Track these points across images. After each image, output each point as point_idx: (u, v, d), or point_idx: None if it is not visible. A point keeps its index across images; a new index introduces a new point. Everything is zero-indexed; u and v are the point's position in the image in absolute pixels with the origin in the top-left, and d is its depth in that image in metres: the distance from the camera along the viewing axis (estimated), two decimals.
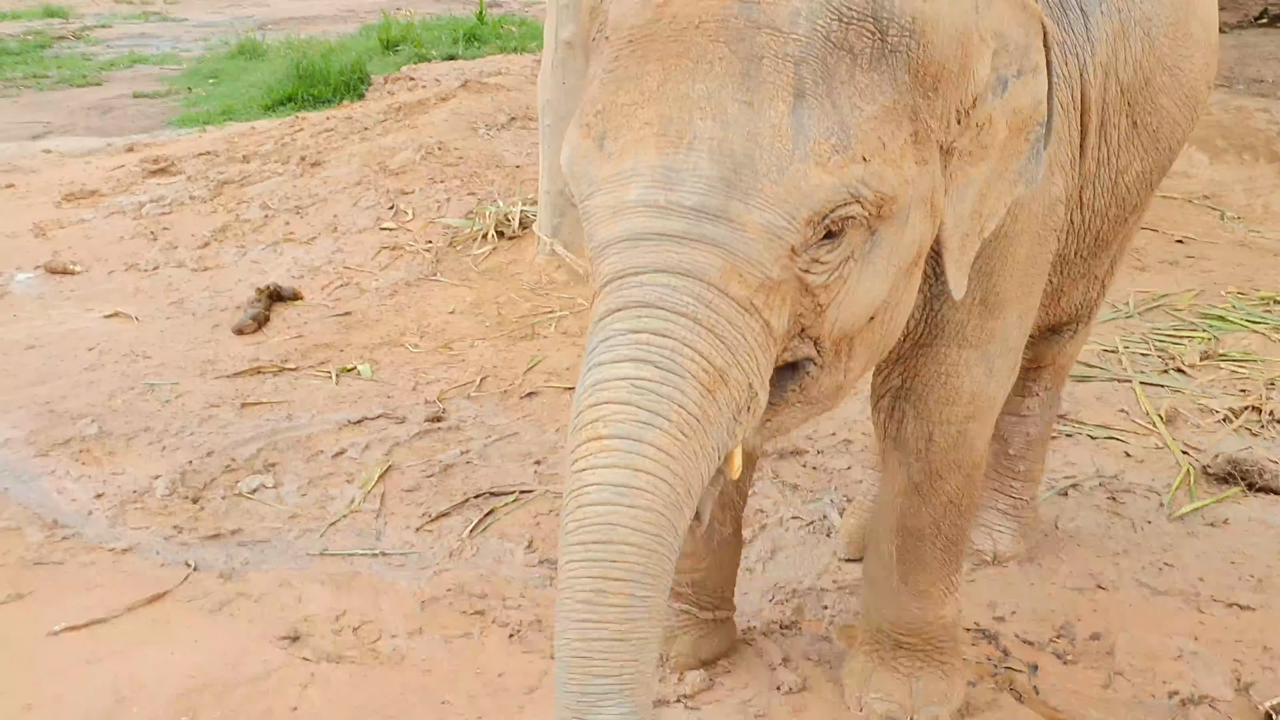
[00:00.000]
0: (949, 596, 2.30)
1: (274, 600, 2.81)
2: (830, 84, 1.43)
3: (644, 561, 1.37)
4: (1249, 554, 2.98)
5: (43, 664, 2.51)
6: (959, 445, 2.07)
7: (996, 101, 1.66)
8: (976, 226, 1.73)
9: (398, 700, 2.35)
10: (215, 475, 3.47)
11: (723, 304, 1.43)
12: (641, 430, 1.37)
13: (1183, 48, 2.23)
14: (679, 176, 1.42)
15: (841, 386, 1.67)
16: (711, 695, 2.42)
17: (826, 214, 1.45)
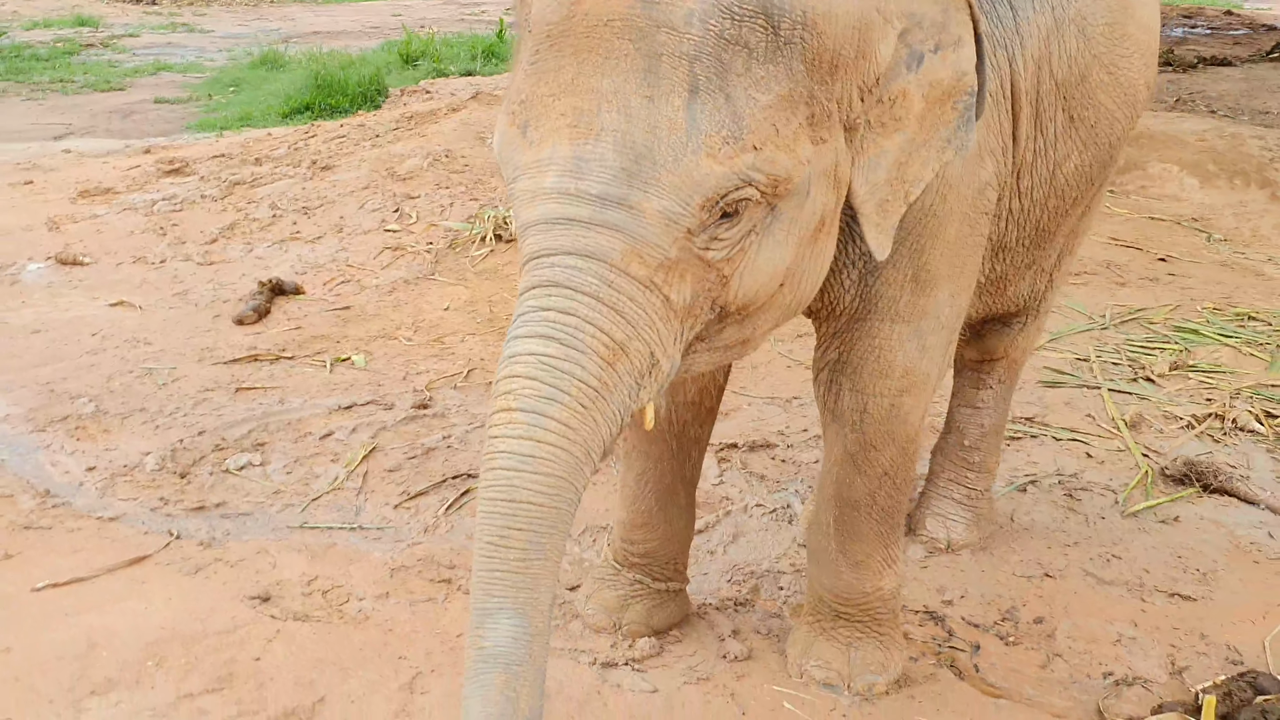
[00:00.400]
0: (887, 569, 2.39)
1: (250, 565, 2.92)
2: (725, 78, 1.56)
3: (542, 515, 1.53)
4: (1196, 549, 3.06)
5: (24, 615, 2.62)
6: (892, 418, 2.18)
7: (911, 76, 1.79)
8: (898, 192, 1.85)
9: (356, 654, 2.46)
10: (205, 453, 3.60)
11: (624, 283, 1.56)
12: (544, 405, 1.53)
13: (1120, 47, 2.34)
14: (587, 166, 1.56)
15: (749, 340, 1.80)
16: (659, 660, 2.52)
17: (719, 199, 1.59)
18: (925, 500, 3.10)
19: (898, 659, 2.47)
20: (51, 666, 2.31)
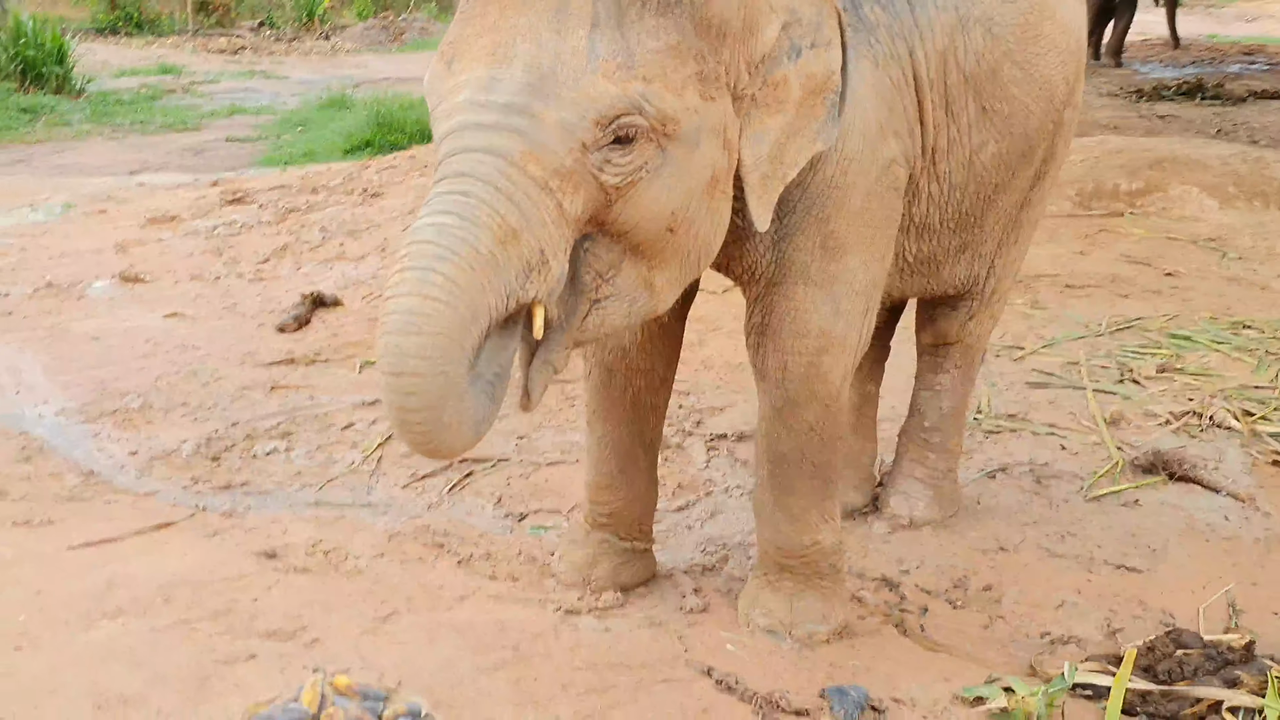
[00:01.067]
0: (824, 524, 2.58)
1: (263, 531, 3.20)
2: (621, 20, 1.83)
3: (429, 375, 1.72)
4: (1151, 529, 3.20)
5: (57, 566, 2.92)
6: (811, 376, 2.38)
7: (791, 65, 2.05)
8: (777, 171, 2.10)
9: (343, 598, 2.71)
10: (236, 441, 3.91)
11: (521, 179, 1.79)
12: (435, 263, 1.73)
13: (1034, 46, 2.56)
14: (497, 83, 1.81)
15: (653, 288, 2.02)
16: (620, 611, 2.72)
17: (612, 118, 1.82)
18: (890, 479, 3.28)
19: (840, 611, 2.65)
20: (73, 600, 2.59)
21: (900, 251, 2.63)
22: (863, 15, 2.27)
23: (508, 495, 3.50)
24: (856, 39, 2.24)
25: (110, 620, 2.44)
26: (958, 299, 2.99)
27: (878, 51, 2.28)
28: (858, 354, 2.47)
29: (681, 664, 2.40)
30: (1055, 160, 2.90)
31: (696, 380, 4.33)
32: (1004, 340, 4.55)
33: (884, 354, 3.32)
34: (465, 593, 2.79)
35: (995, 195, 2.70)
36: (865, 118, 2.26)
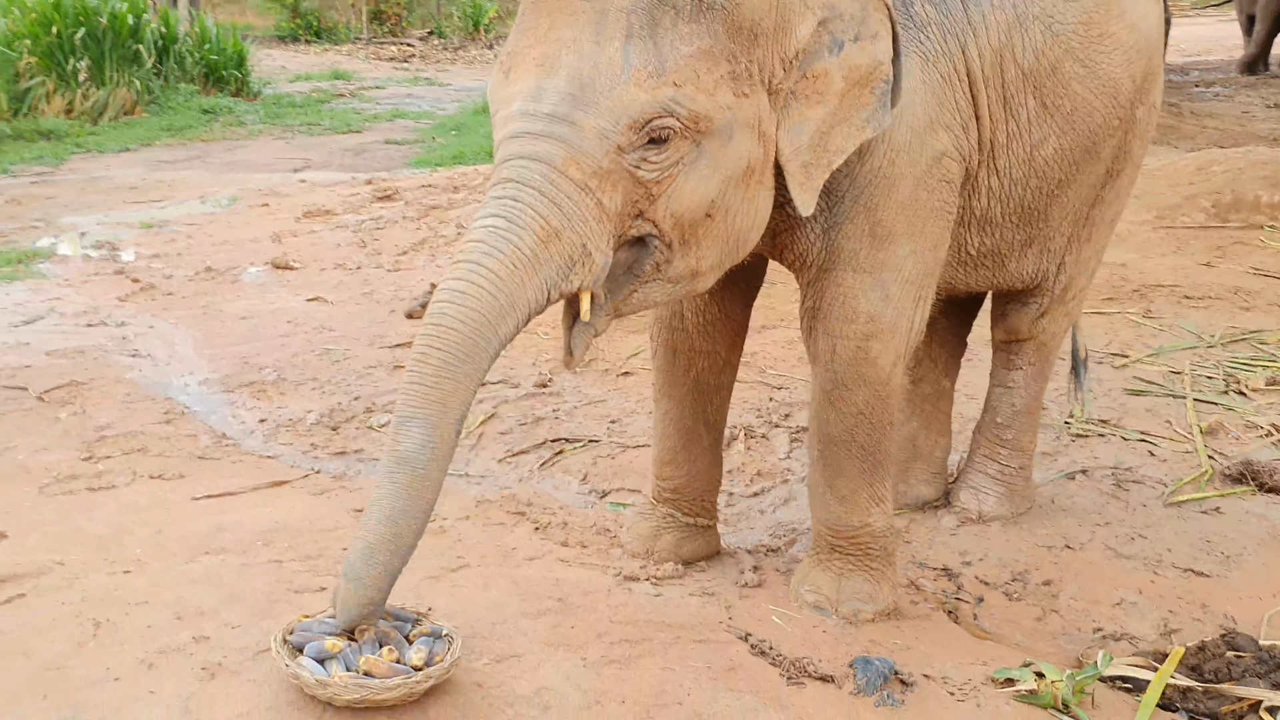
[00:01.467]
0: (874, 506, 2.66)
1: (366, 492, 3.43)
2: (654, 30, 1.99)
3: (459, 341, 1.90)
4: (1228, 536, 3.16)
5: (179, 514, 3.23)
6: (860, 360, 2.48)
7: (832, 59, 2.17)
8: (822, 158, 2.22)
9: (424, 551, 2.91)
10: (356, 414, 4.22)
11: (563, 182, 1.97)
12: (482, 258, 1.93)
13: (1098, 44, 2.60)
14: (544, 93, 1.99)
15: (697, 272, 2.18)
16: (677, 580, 2.85)
17: (645, 122, 1.99)
18: (962, 474, 3.33)
19: (887, 593, 2.72)
20: (184, 539, 2.88)
21: (962, 244, 2.70)
22: (913, 13, 2.36)
23: (593, 473, 3.68)
24: (906, 36, 2.34)
25: (211, 556, 2.72)
26: (1028, 295, 3.02)
27: (928, 48, 2.37)
28: (910, 341, 2.55)
29: (722, 628, 2.53)
30: (1130, 159, 2.92)
31: (792, 375, 4.43)
32: (1109, 347, 4.51)
33: (960, 350, 3.37)
34: (535, 554, 2.97)
35: (1059, 191, 2.74)
36: (913, 111, 2.35)
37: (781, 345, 4.77)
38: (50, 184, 8.79)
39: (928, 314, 2.58)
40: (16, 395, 4.27)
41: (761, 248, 2.51)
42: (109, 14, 11.44)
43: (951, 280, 2.80)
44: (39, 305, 5.57)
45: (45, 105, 11.20)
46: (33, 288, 5.92)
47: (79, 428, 3.98)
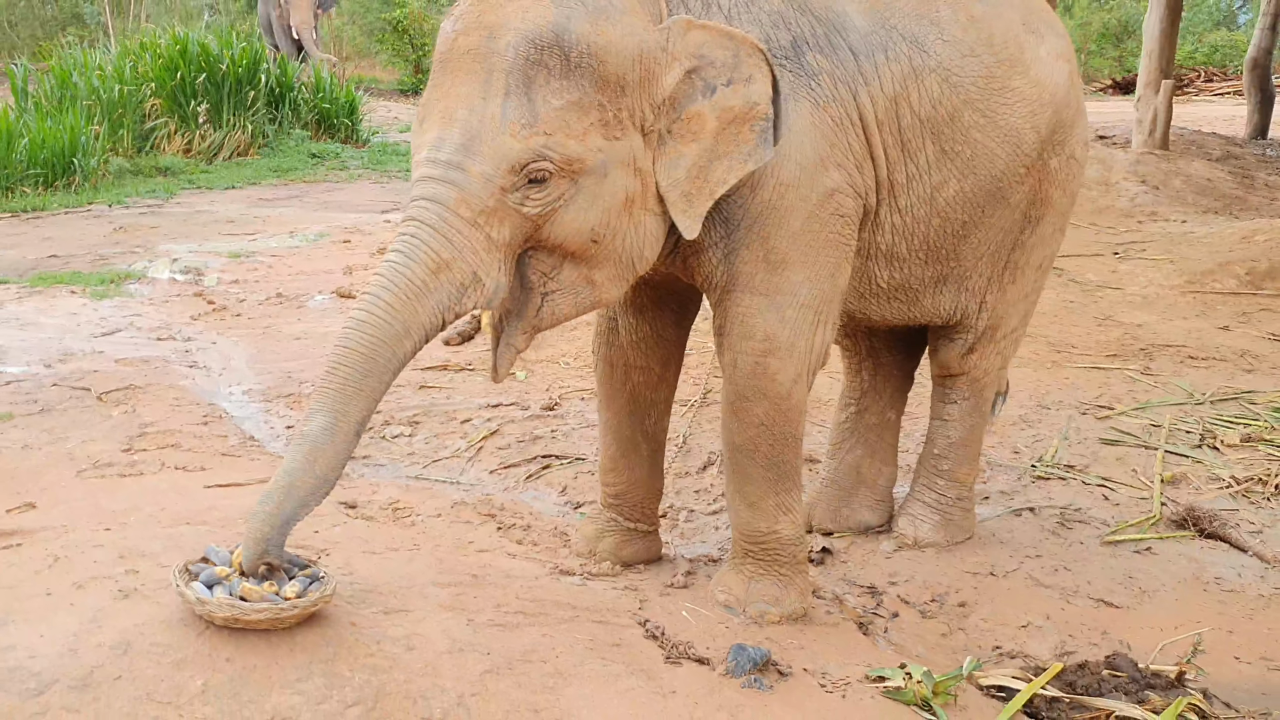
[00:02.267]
0: (782, 515, 2.87)
1: (360, 490, 3.80)
2: (529, 87, 2.31)
3: (359, 360, 2.21)
4: (1152, 574, 3.27)
5: (190, 497, 3.59)
6: (759, 374, 2.72)
7: (705, 102, 2.47)
8: (704, 189, 2.51)
9: (387, 539, 3.22)
10: (374, 425, 4.57)
11: (455, 220, 2.28)
12: (380, 291, 2.24)
13: (1000, 97, 2.84)
14: (443, 143, 2.32)
15: (592, 281, 2.46)
16: (608, 577, 3.10)
17: (522, 166, 2.30)
18: (903, 503, 3.51)
19: (794, 598, 2.92)
20: (176, 514, 3.23)
21: (872, 277, 2.93)
22: (805, 62, 2.62)
23: (573, 487, 3.96)
24: (797, 82, 2.60)
25: (190, 526, 3.06)
26: (953, 331, 3.22)
27: (818, 94, 2.62)
28: (811, 361, 2.77)
29: (627, 615, 2.76)
30: (1051, 206, 3.10)
31: None
32: (1097, 399, 4.62)
33: (906, 383, 3.56)
34: (486, 548, 3.25)
35: (966, 232, 2.95)
36: (803, 150, 2.61)
37: None
38: (157, 215, 9.50)
39: (830, 338, 2.81)
40: (80, 395, 4.75)
41: (676, 270, 2.78)
42: (229, 61, 12.29)
43: (866, 311, 3.02)
44: (120, 320, 6.12)
45: (166, 144, 12.05)
46: (119, 305, 6.48)
47: (126, 424, 4.42)
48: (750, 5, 2.61)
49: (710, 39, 2.49)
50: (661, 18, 2.55)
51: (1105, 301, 6.08)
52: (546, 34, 2.32)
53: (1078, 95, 3.10)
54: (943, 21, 2.79)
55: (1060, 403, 4.60)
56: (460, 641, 2.26)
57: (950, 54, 2.78)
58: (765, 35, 2.60)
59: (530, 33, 2.32)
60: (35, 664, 1.93)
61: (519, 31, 2.32)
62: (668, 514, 3.72)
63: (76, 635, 2.00)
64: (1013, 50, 2.89)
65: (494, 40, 2.32)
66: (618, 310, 3.05)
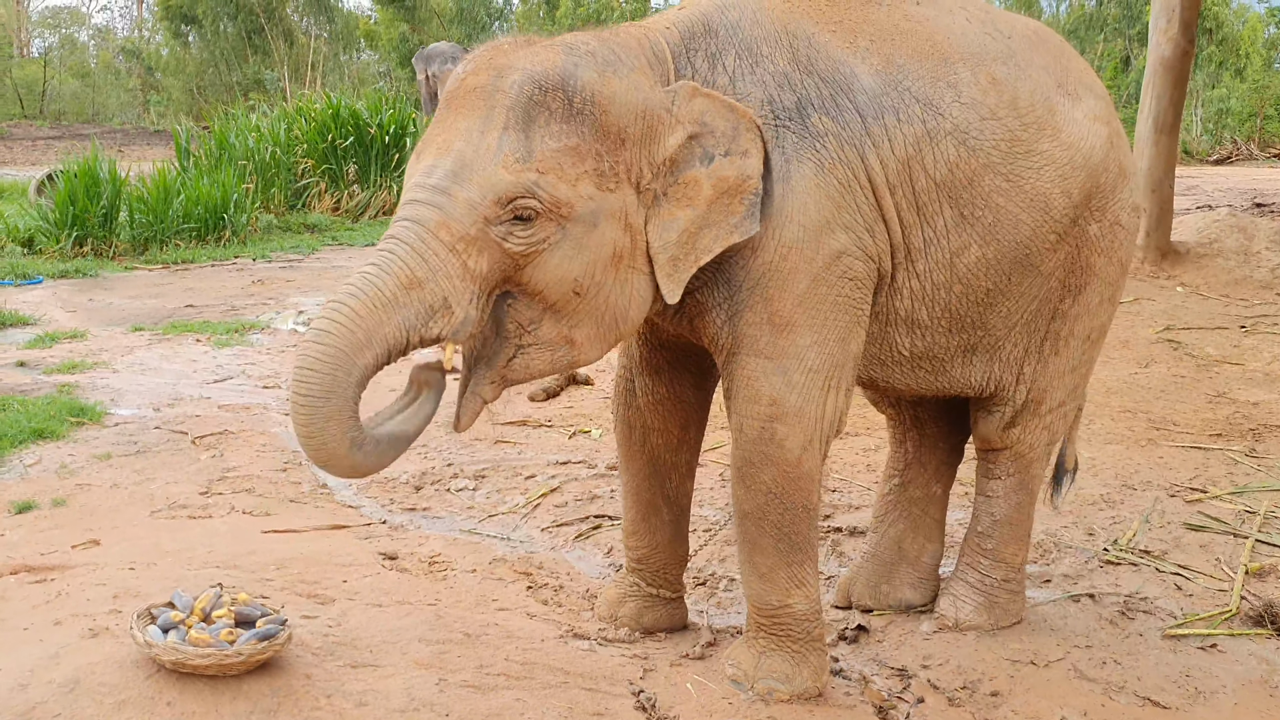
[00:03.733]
0: (795, 588, 2.77)
1: (406, 541, 3.85)
2: (528, 125, 2.32)
3: (319, 382, 2.19)
4: (1212, 674, 3.01)
5: (241, 541, 3.70)
6: (766, 440, 2.64)
7: (703, 169, 2.45)
8: (689, 255, 2.48)
9: (411, 591, 3.25)
10: (442, 477, 4.64)
11: (433, 242, 2.28)
12: (347, 298, 2.24)
13: (1025, 161, 2.71)
14: (435, 169, 2.34)
15: (571, 340, 2.44)
16: (624, 644, 3.04)
17: (509, 200, 2.29)
18: (946, 583, 3.34)
19: (807, 676, 2.80)
20: (214, 557, 3.34)
21: (893, 344, 2.82)
22: (810, 125, 2.56)
23: (619, 549, 3.90)
24: (802, 144, 2.55)
25: (217, 569, 3.15)
26: (990, 402, 3.06)
27: (824, 155, 2.55)
28: (823, 428, 2.68)
29: (623, 684, 2.70)
30: (1094, 275, 2.94)
31: (852, 478, 4.51)
32: (1191, 481, 4.33)
33: (954, 457, 3.40)
34: (507, 606, 3.24)
35: (992, 300, 2.81)
36: (806, 212, 2.54)
37: (856, 452, 4.86)
38: (295, 269, 9.95)
39: (843, 404, 2.71)
40: (177, 438, 4.97)
41: (684, 332, 2.74)
42: (378, 125, 12.86)
43: (890, 380, 2.91)
44: (234, 367, 6.40)
45: (316, 203, 12.66)
46: (237, 353, 6.78)
47: (210, 468, 4.60)
48: (755, 67, 2.58)
49: (713, 108, 2.48)
50: (668, 79, 2.55)
51: (1221, 377, 5.72)
52: (552, 77, 2.36)
53: (1120, 158, 2.94)
54: (961, 84, 2.69)
55: (1148, 483, 4.33)
56: (419, 700, 2.24)
57: (968, 117, 2.68)
58: (769, 97, 2.56)
59: (536, 74, 2.36)
60: None
61: (525, 72, 2.36)
62: (707, 581, 3.64)
63: (32, 671, 2.07)
64: (1041, 113, 2.77)
65: (500, 79, 2.36)
66: (635, 371, 3.02)
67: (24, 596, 2.56)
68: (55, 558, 3.26)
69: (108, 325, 7.39)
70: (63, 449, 4.66)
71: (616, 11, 28.34)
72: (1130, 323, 6.89)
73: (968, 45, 2.76)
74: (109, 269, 9.58)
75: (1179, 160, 9.35)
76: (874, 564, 3.41)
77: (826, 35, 2.66)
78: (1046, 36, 2.98)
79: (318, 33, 30.12)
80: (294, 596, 2.96)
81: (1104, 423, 5.15)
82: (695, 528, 3.94)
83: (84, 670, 2.05)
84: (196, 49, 30.27)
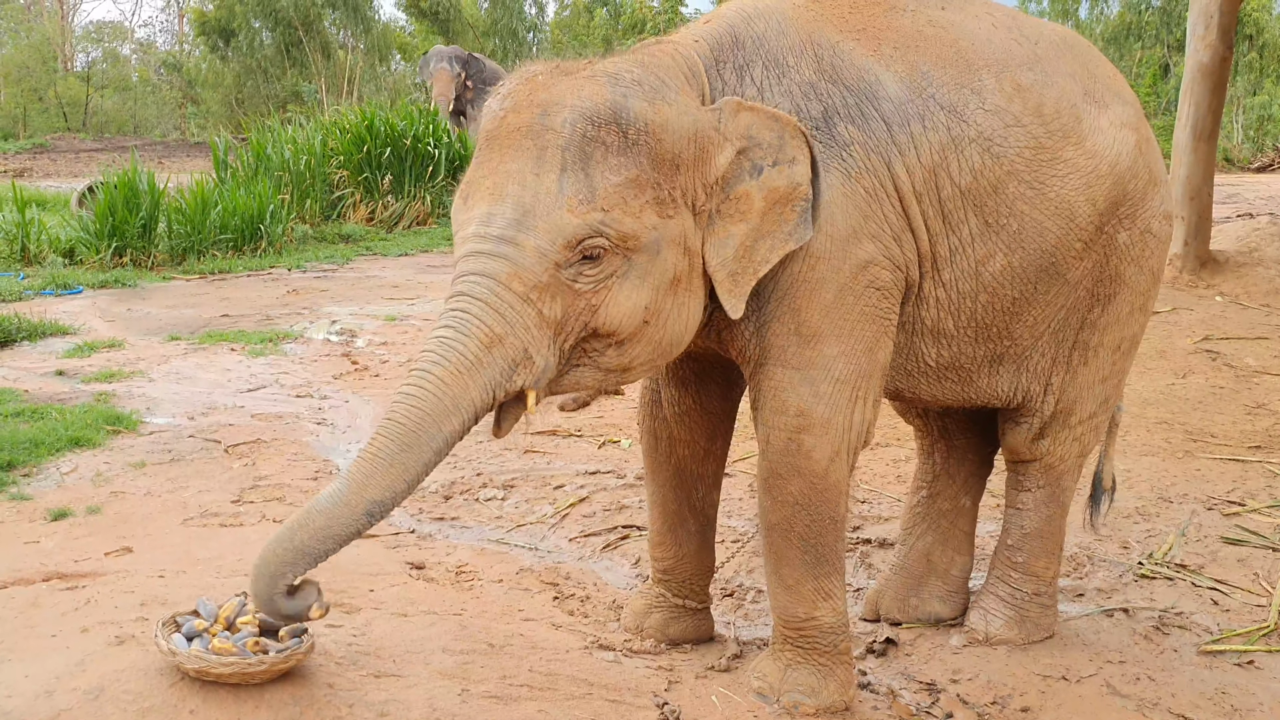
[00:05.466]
0: (822, 601, 2.75)
1: (432, 551, 3.85)
2: (586, 163, 2.29)
3: (401, 433, 2.18)
4: (1249, 691, 2.96)
5: None
6: (793, 451, 2.62)
7: (753, 182, 2.44)
8: (748, 268, 2.46)
9: (438, 601, 3.25)
10: (471, 487, 4.64)
11: (507, 295, 2.26)
12: (431, 365, 2.22)
13: (1049, 168, 2.68)
14: (493, 218, 2.31)
15: (628, 367, 2.43)
16: (650, 655, 3.04)
17: (577, 242, 2.27)
18: (976, 596, 3.30)
19: (833, 690, 2.78)
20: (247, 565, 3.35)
21: (919, 354, 2.79)
22: (836, 134, 2.55)
23: (646, 560, 3.89)
24: (829, 153, 2.53)
25: (245, 577, 3.16)
26: (1018, 414, 3.03)
27: (850, 165, 2.54)
28: (850, 439, 2.66)
29: (647, 696, 2.69)
30: (1124, 284, 2.90)
31: (882, 491, 4.48)
32: (1229, 494, 4.26)
33: (983, 469, 3.37)
34: (533, 616, 3.24)
35: (1019, 309, 2.78)
36: (834, 222, 2.52)
37: (886, 463, 4.82)
38: (329, 279, 10.01)
39: (871, 415, 2.68)
40: (210, 446, 5.01)
41: (711, 344, 2.73)
42: (413, 136, 12.93)
43: (916, 390, 2.88)
44: (267, 376, 6.45)
45: (351, 213, 12.74)
46: (271, 363, 6.83)
47: (242, 476, 4.63)
48: (781, 78, 2.57)
49: (758, 120, 2.47)
50: (704, 96, 2.54)
51: (1261, 388, 5.63)
52: (604, 111, 2.32)
53: (1149, 165, 2.90)
54: (985, 90, 2.67)
55: (1185, 496, 4.27)
56: (442, 711, 2.24)
57: (993, 123, 2.65)
58: (796, 107, 2.55)
59: (587, 109, 2.32)
60: (9, 703, 2.02)
61: (575, 108, 2.32)
62: (735, 593, 3.62)
63: (58, 678, 2.09)
64: (1067, 120, 2.74)
65: (548, 117, 2.32)
66: (660, 382, 3.01)
67: (54, 603, 2.59)
68: (87, 565, 3.29)
69: (145, 335, 7.47)
70: (99, 457, 4.71)
71: (650, 23, 28.39)
72: (1168, 332, 6.81)
73: (992, 51, 2.74)
74: (147, 279, 9.69)
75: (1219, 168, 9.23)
76: (902, 576, 3.38)
77: (851, 43, 2.64)
78: (1074, 42, 2.95)
79: (354, 45, 30.39)
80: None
81: (1140, 434, 5.09)
82: (723, 538, 3.93)
83: (109, 678, 2.07)
84: (235, 62, 30.62)
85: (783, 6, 2.69)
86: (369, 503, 2.19)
